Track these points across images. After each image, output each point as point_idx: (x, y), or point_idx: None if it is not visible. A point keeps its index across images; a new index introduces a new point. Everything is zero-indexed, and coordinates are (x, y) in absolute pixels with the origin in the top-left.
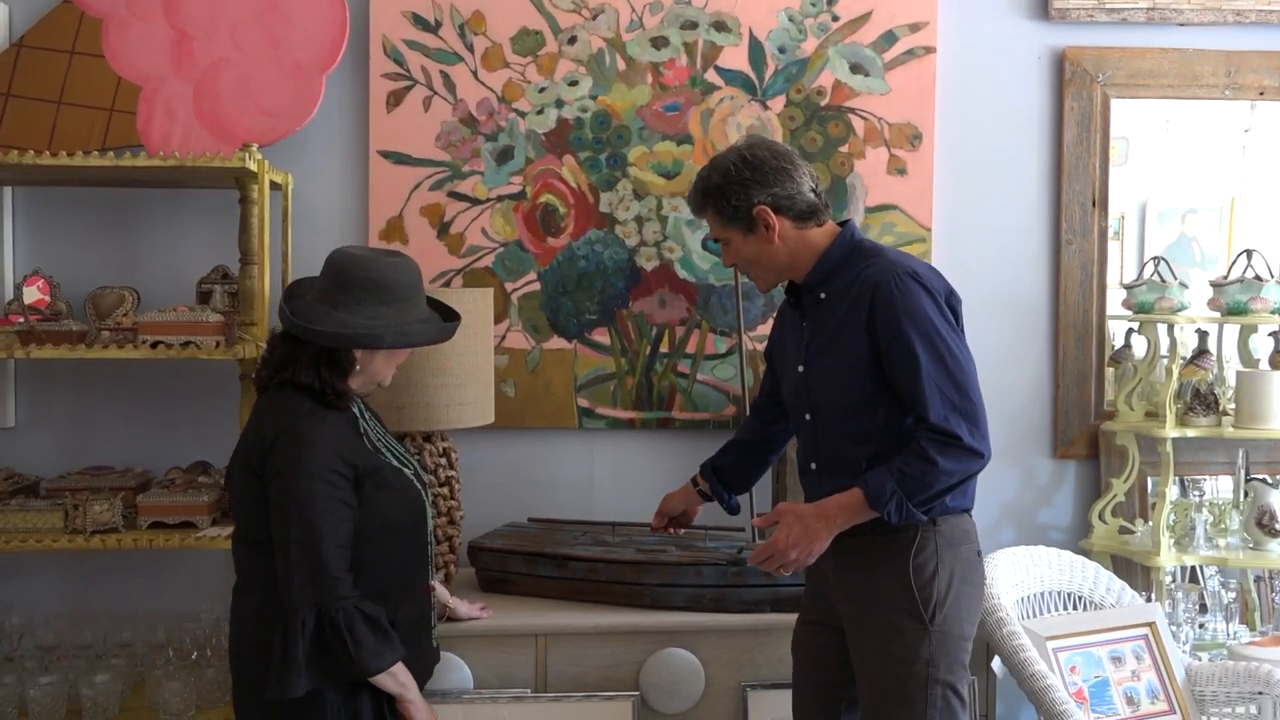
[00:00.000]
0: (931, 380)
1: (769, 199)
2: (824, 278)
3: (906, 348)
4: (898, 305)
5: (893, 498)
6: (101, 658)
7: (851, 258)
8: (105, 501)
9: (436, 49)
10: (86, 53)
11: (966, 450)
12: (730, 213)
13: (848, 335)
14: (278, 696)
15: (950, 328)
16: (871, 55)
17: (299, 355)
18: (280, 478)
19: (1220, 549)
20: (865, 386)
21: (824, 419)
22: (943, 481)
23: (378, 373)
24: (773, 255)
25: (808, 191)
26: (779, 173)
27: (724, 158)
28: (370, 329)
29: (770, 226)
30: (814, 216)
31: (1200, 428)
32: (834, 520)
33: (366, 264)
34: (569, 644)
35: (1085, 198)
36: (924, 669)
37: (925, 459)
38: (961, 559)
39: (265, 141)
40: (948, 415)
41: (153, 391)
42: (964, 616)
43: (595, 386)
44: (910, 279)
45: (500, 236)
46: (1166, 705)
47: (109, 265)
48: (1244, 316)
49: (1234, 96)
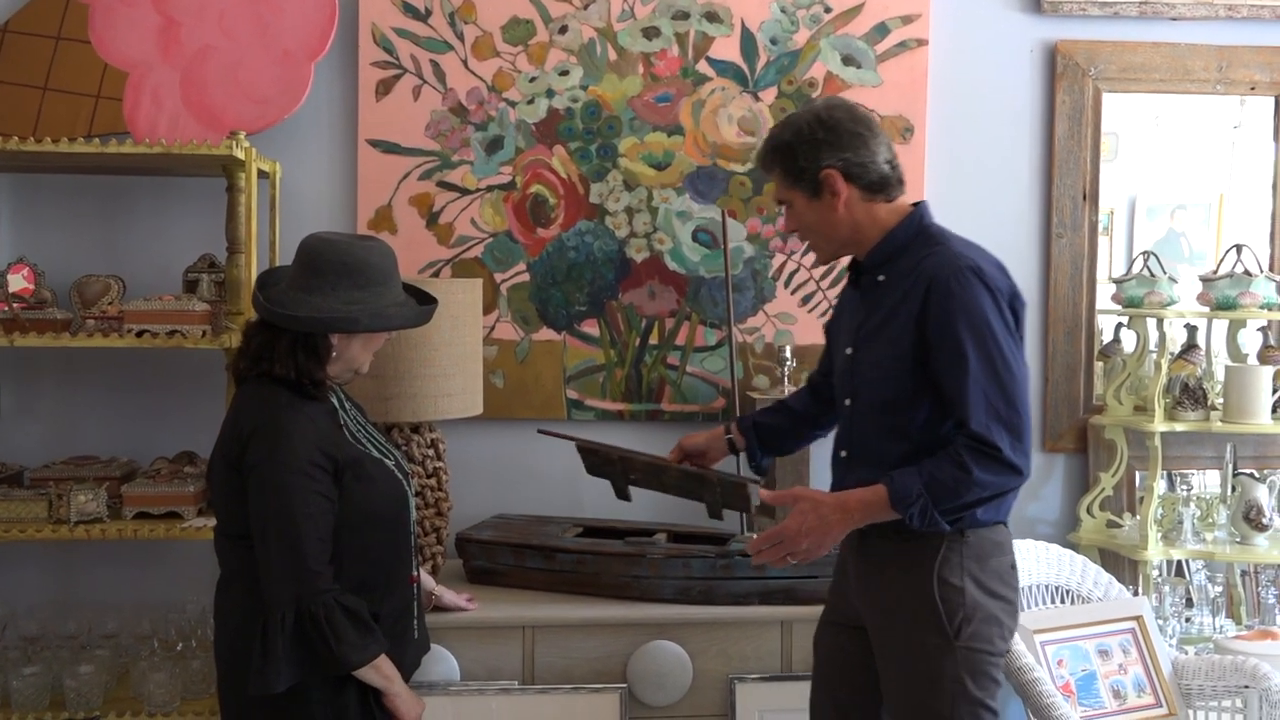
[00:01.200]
0: (978, 384)
1: (839, 163)
2: (885, 259)
3: (956, 347)
4: (953, 301)
5: (918, 501)
6: (86, 648)
7: (917, 242)
8: (90, 491)
9: (426, 37)
10: (73, 38)
11: (1005, 464)
12: (797, 173)
13: (898, 325)
14: (258, 691)
15: (1007, 332)
16: (863, 47)
17: (275, 344)
18: (258, 471)
19: (1207, 543)
20: (908, 382)
21: (862, 408)
22: (974, 493)
23: (355, 358)
24: (835, 225)
25: (882, 163)
26: (854, 137)
27: (799, 115)
28: (346, 313)
29: (836, 193)
30: (884, 190)
31: (1188, 422)
32: (852, 515)
33: (339, 248)
34: (556, 636)
35: (1076, 192)
36: (951, 686)
37: (959, 467)
38: (990, 572)
39: (253, 129)
40: (990, 424)
41: (138, 381)
42: (993, 633)
43: (584, 378)
44: (972, 274)
45: (490, 227)
46: (1153, 699)
47: (94, 253)
48: (1233, 311)
49: (1225, 91)
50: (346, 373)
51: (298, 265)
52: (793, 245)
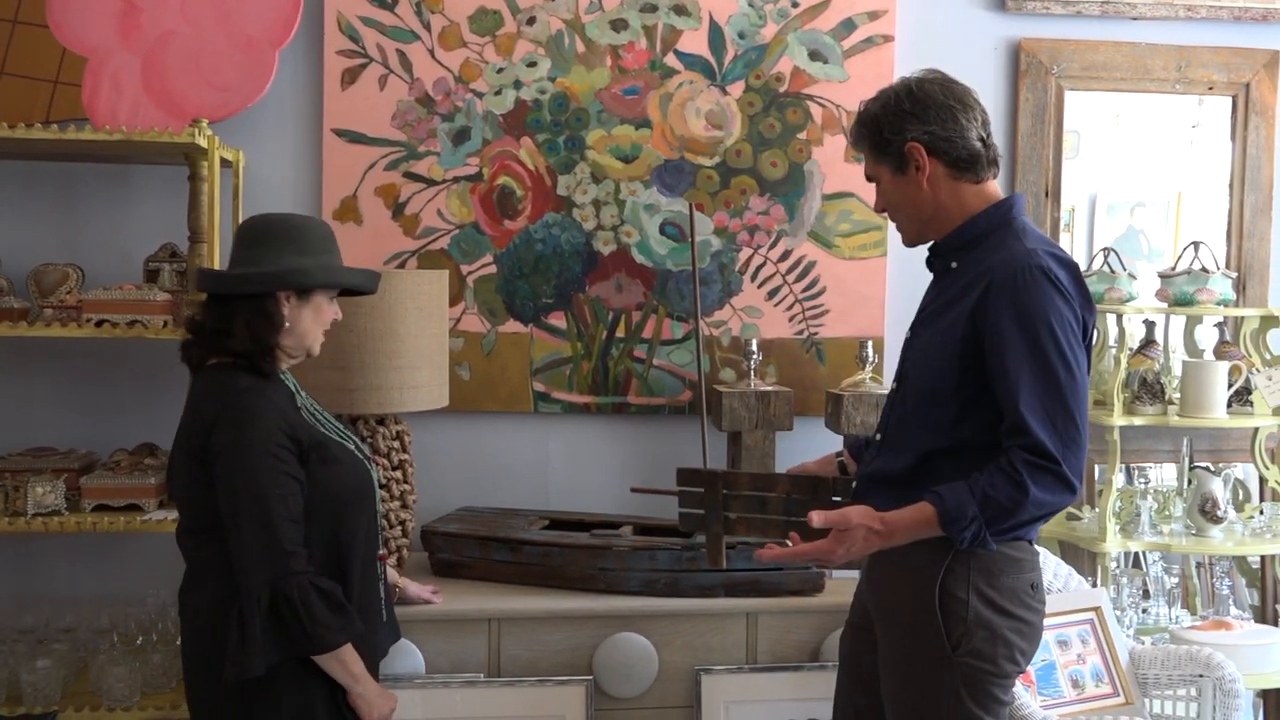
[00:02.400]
0: (1034, 391)
1: (925, 136)
2: (961, 245)
3: (1012, 348)
4: (1016, 298)
5: (972, 524)
6: (43, 642)
7: (997, 233)
8: (48, 483)
9: (393, 26)
10: (30, 22)
11: (1062, 481)
12: (882, 146)
13: (952, 315)
14: (236, 676)
15: (1074, 339)
16: (830, 42)
17: (230, 319)
18: (225, 455)
19: (1164, 535)
20: (951, 376)
21: (906, 393)
22: (1029, 513)
23: (307, 332)
24: (919, 201)
25: (974, 139)
26: (944, 110)
27: (891, 87)
28: (297, 267)
29: (920, 167)
30: (973, 169)
31: (1146, 416)
32: (895, 539)
33: (279, 218)
34: (522, 628)
35: (1039, 188)
36: (947, 700)
37: (1016, 484)
38: (1003, 590)
39: (216, 117)
40: (1048, 435)
41: (97, 372)
42: (999, 653)
43: (551, 371)
44: (1041, 273)
45: (456, 218)
46: (1110, 688)
47: (52, 242)
48: (1190, 308)
49: (1184, 91)
50: (299, 350)
51: (239, 243)
52: (759, 240)
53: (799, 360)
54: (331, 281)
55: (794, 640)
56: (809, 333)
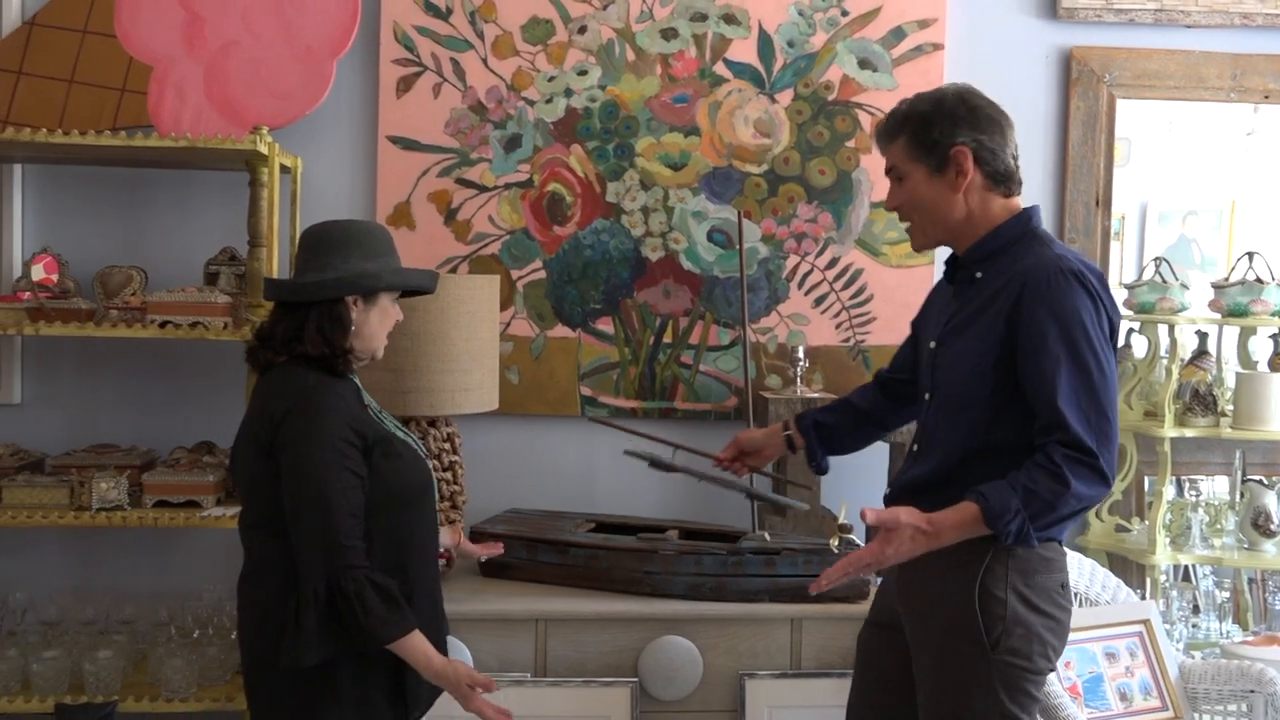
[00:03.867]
0: (1070, 389)
1: (974, 143)
2: (987, 255)
3: (1048, 350)
4: (1049, 302)
5: (1016, 517)
6: (104, 634)
7: (1021, 243)
8: (111, 479)
9: (447, 36)
10: (98, 32)
11: (1099, 474)
12: (928, 144)
13: (987, 320)
14: (290, 666)
15: (1103, 339)
16: (880, 51)
17: (303, 324)
18: (292, 448)
19: (1215, 549)
20: (989, 379)
21: (940, 402)
22: (1070, 506)
23: (374, 335)
24: (951, 206)
25: (1009, 156)
26: (991, 123)
27: (940, 90)
28: (365, 269)
29: (963, 172)
30: (1005, 183)
31: (1198, 428)
32: (942, 539)
33: (340, 223)
34: (569, 629)
35: (1089, 197)
36: (984, 698)
37: (1057, 478)
38: (1038, 589)
39: (275, 124)
40: (1085, 430)
41: (158, 371)
42: (1034, 650)
43: (598, 375)
44: (1072, 276)
45: (507, 224)
46: (1159, 702)
47: (117, 244)
48: (1244, 318)
49: (1239, 99)
50: (364, 353)
51: (303, 250)
52: (806, 247)
53: (845, 367)
54: (398, 283)
55: (838, 646)
56: (855, 340)
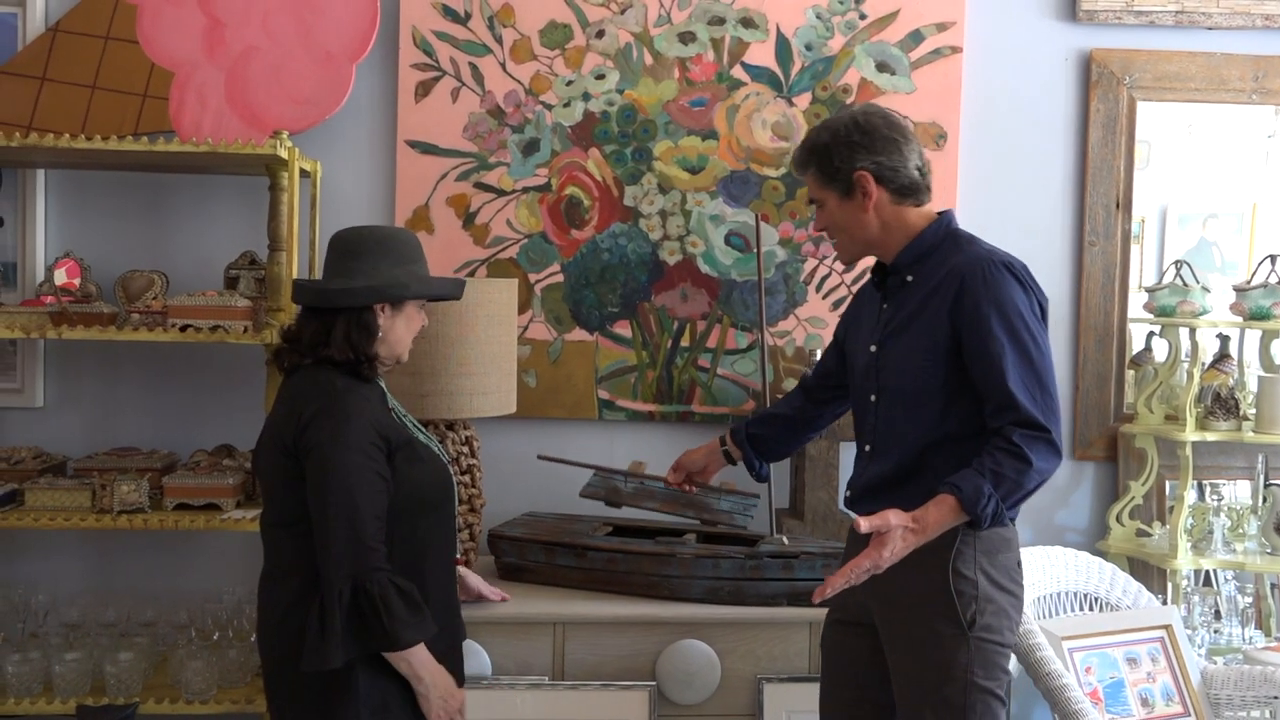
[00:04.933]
0: (1017, 372)
1: (872, 166)
2: (914, 260)
3: (992, 337)
4: (988, 293)
5: (990, 501)
6: (125, 636)
7: (945, 244)
8: (132, 482)
9: (466, 40)
10: (121, 38)
11: (1053, 447)
12: (831, 173)
13: (928, 317)
14: (315, 667)
15: (1038, 323)
16: (898, 54)
17: (330, 329)
18: (319, 451)
19: (1237, 553)
20: (937, 373)
21: (888, 401)
22: (1034, 481)
23: (400, 340)
24: (864, 225)
25: (913, 169)
26: (888, 142)
27: (837, 118)
28: (394, 278)
29: (868, 194)
30: (913, 195)
31: (1220, 432)
32: (929, 534)
33: (370, 230)
34: (587, 633)
35: (1109, 200)
36: (963, 675)
37: (1019, 457)
38: (1000, 567)
39: (295, 129)
40: (1036, 409)
41: (179, 374)
42: (1004, 625)
43: (616, 379)
44: (1004, 268)
45: (525, 228)
46: (1181, 707)
47: (139, 249)
48: (1266, 322)
49: (1261, 101)
50: (390, 358)
51: (333, 255)
52: (825, 250)
53: None
54: (425, 293)
55: None
56: None
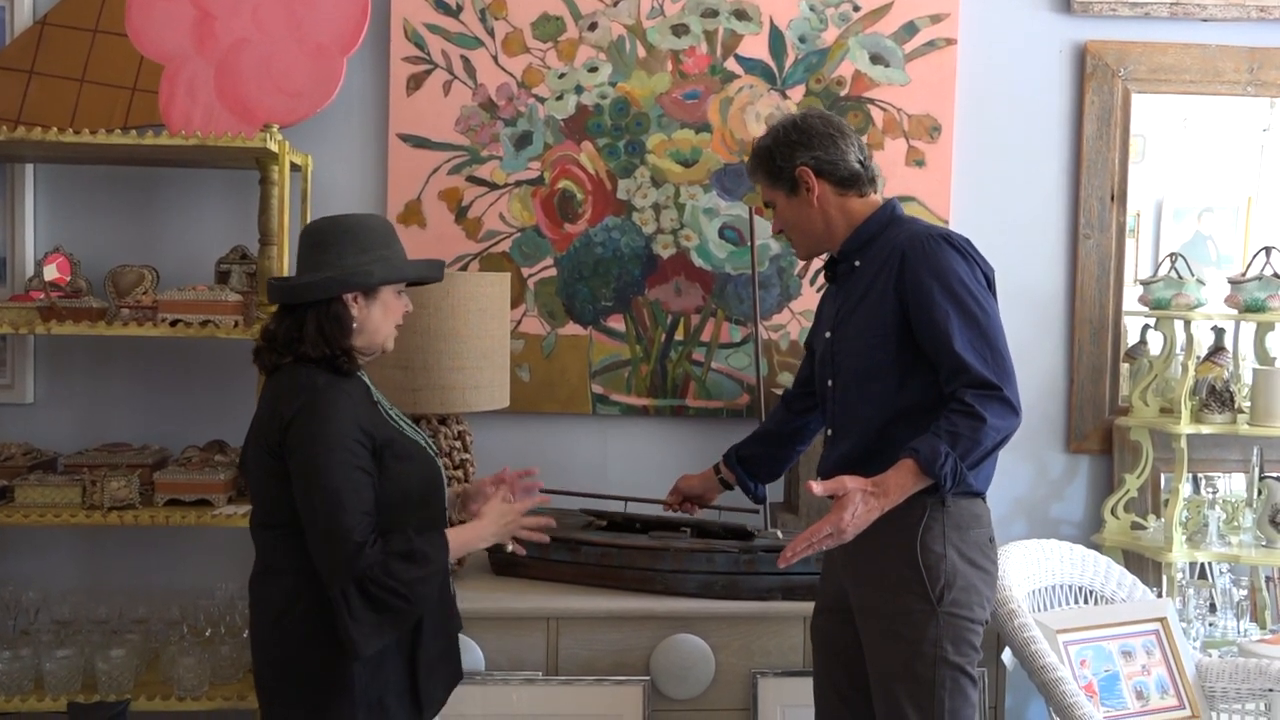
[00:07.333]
0: (964, 336)
1: (812, 161)
2: (860, 246)
3: (936, 305)
4: (927, 263)
5: (947, 460)
6: (117, 633)
7: (890, 229)
8: (123, 478)
9: (457, 33)
10: (109, 31)
11: (1008, 404)
12: (776, 172)
13: (875, 295)
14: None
15: (982, 289)
16: (892, 46)
17: (303, 327)
18: (302, 451)
19: (1232, 546)
20: (889, 349)
21: (844, 382)
22: (991, 438)
23: (378, 330)
24: (811, 219)
25: (853, 161)
26: (825, 138)
27: (778, 123)
28: (357, 265)
29: (810, 188)
30: (855, 185)
31: (1215, 425)
32: (891, 496)
33: (336, 219)
34: (580, 628)
35: (1104, 192)
36: (931, 650)
37: (972, 415)
38: (971, 543)
39: (286, 123)
40: (985, 369)
41: (170, 370)
42: (973, 600)
43: (610, 373)
44: (942, 239)
45: (518, 222)
46: (1176, 700)
47: (129, 243)
48: (1261, 314)
49: (1256, 93)
50: (372, 347)
51: (302, 248)
52: None
53: None
54: (392, 276)
55: None
56: None
